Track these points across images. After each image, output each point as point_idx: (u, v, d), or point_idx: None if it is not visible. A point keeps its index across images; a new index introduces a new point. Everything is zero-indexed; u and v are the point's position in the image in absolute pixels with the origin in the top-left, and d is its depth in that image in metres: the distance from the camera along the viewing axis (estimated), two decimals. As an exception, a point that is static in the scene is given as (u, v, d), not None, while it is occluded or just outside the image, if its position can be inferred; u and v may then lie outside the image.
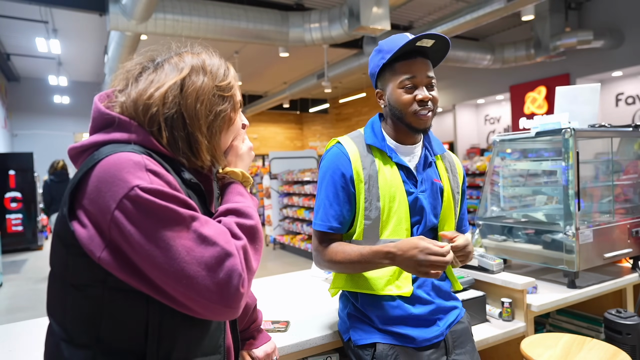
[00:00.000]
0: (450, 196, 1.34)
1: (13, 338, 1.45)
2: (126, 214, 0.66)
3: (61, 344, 0.74)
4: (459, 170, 1.42)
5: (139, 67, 0.84)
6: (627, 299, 2.11)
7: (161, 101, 0.77)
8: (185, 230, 0.68)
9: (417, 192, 1.28)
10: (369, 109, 15.39)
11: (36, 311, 4.80)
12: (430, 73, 1.25)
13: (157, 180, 0.69)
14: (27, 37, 8.83)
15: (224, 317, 0.71)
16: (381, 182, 1.25)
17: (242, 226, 0.77)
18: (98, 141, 0.76)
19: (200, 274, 0.67)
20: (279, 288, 1.97)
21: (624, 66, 7.99)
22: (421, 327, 1.27)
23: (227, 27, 6.32)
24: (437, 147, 1.37)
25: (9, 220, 8.49)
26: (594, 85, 2.14)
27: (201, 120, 0.80)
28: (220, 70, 0.85)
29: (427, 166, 1.32)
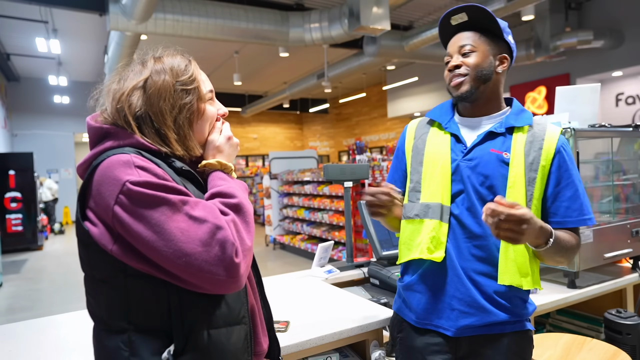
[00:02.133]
0: (519, 172, 1.16)
1: (13, 338, 1.45)
2: (123, 207, 0.74)
3: (101, 334, 0.83)
4: (548, 146, 1.18)
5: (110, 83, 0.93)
6: (627, 299, 2.11)
7: (126, 103, 0.86)
8: (177, 214, 0.75)
9: (459, 159, 1.22)
10: (369, 109, 15.40)
11: (36, 311, 4.80)
12: (463, 42, 1.22)
13: (144, 173, 0.77)
14: (27, 37, 8.83)
15: (227, 288, 0.78)
16: (427, 149, 1.28)
17: (227, 204, 0.83)
18: (95, 152, 0.85)
19: (196, 250, 0.74)
20: (279, 288, 1.97)
21: (624, 66, 7.99)
22: (433, 305, 1.22)
23: (227, 27, 6.33)
24: (515, 119, 1.22)
25: (9, 220, 8.49)
26: (594, 85, 2.13)
27: (166, 115, 0.87)
28: (180, 67, 0.92)
29: (489, 137, 1.21)
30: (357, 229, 5.52)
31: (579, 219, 1.18)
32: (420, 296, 1.25)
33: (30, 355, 1.31)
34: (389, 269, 1.95)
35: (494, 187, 1.17)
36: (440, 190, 1.22)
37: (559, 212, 1.18)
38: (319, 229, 6.62)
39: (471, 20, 1.22)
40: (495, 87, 1.25)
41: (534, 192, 1.17)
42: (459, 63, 1.22)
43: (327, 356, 1.48)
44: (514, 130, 1.21)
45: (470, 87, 1.21)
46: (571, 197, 1.17)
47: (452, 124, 1.27)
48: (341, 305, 1.67)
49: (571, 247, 1.15)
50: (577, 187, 1.18)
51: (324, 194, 6.49)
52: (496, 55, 1.23)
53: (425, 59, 8.83)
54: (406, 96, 12.75)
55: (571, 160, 1.19)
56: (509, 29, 1.26)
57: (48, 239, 10.36)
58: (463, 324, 1.17)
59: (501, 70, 1.23)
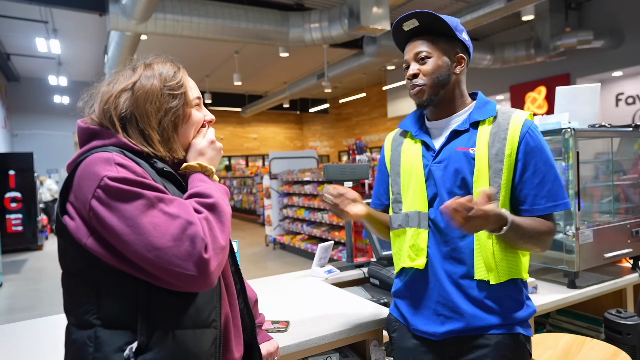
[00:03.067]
0: (483, 164, 1.16)
1: (13, 338, 1.45)
2: (100, 201, 0.77)
3: (71, 329, 0.84)
4: (512, 134, 1.17)
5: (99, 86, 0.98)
6: (627, 299, 2.11)
7: (113, 104, 0.90)
8: (151, 209, 0.77)
9: (430, 164, 1.24)
10: (369, 109, 15.40)
11: (36, 311, 4.80)
12: (418, 49, 1.24)
13: (123, 170, 0.80)
14: (27, 37, 8.83)
15: (197, 285, 0.78)
16: (403, 160, 1.32)
17: (203, 204, 0.85)
18: (82, 151, 0.88)
19: (167, 245, 0.75)
20: (279, 288, 1.97)
21: (624, 66, 7.99)
22: (418, 312, 1.24)
23: (227, 27, 6.33)
24: (478, 113, 1.23)
25: (9, 220, 8.49)
26: (594, 85, 2.13)
27: (151, 117, 0.90)
28: (169, 73, 0.95)
29: (455, 136, 1.23)
30: (357, 229, 5.52)
31: (547, 206, 1.15)
32: (407, 303, 1.29)
33: (30, 355, 1.31)
34: (389, 269, 1.95)
35: (467, 185, 1.18)
36: (417, 198, 1.25)
37: (527, 200, 1.17)
38: (319, 229, 6.62)
39: (423, 25, 1.23)
40: (456, 87, 1.26)
41: (501, 183, 1.16)
42: (416, 72, 1.24)
43: (327, 356, 1.48)
44: (479, 124, 1.21)
45: (429, 95, 1.23)
46: (539, 184, 1.15)
47: (421, 131, 1.31)
48: (341, 305, 1.67)
49: (538, 234, 1.13)
50: (544, 173, 1.15)
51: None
52: (453, 57, 1.24)
53: (425, 59, 8.81)
54: (406, 96, 12.75)
55: (539, 146, 1.16)
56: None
57: (48, 239, 10.36)
58: (448, 329, 1.18)
59: (459, 71, 1.25)
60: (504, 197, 1.17)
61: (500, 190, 1.16)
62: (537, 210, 1.16)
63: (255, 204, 10.93)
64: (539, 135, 1.19)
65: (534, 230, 1.13)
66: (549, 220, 1.18)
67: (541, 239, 1.15)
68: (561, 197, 1.16)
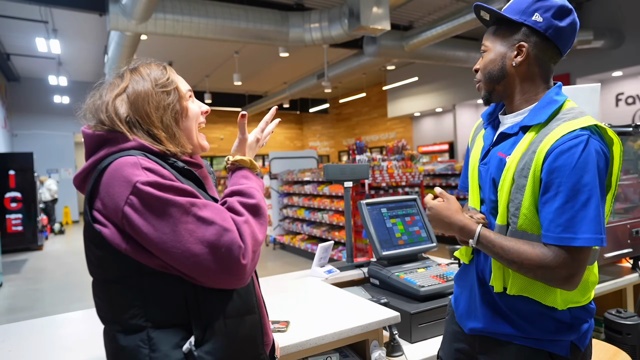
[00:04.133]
0: (508, 176, 1.05)
1: (13, 338, 1.45)
2: (133, 208, 0.77)
3: (117, 336, 0.83)
4: (542, 147, 1.00)
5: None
6: (627, 299, 2.11)
7: (113, 111, 0.89)
8: (185, 215, 0.78)
9: (480, 164, 1.19)
10: (369, 109, 15.40)
11: (36, 311, 4.80)
12: (482, 41, 1.17)
13: (152, 175, 0.79)
14: (27, 37, 8.83)
15: (232, 286, 0.83)
16: (472, 152, 1.27)
17: (245, 204, 0.87)
18: (97, 159, 0.87)
19: (204, 251, 0.77)
20: (279, 288, 1.97)
21: (624, 66, 7.99)
22: (459, 302, 1.26)
23: (227, 27, 6.32)
24: (531, 116, 1.08)
25: (9, 220, 8.49)
26: (594, 85, 2.13)
27: (152, 116, 0.91)
28: (157, 72, 0.97)
29: (502, 139, 1.13)
30: (357, 229, 5.52)
31: (560, 237, 0.96)
32: (458, 291, 1.30)
33: (30, 355, 1.31)
34: (389, 269, 1.95)
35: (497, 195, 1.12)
36: (472, 195, 1.23)
37: (544, 225, 1.00)
38: (319, 229, 6.62)
39: (491, 15, 1.14)
40: (517, 82, 1.11)
41: (522, 201, 1.03)
42: (477, 67, 1.19)
43: (327, 356, 1.48)
44: (529, 130, 1.07)
45: (485, 92, 1.17)
46: (558, 210, 0.96)
47: (490, 125, 1.22)
48: (341, 305, 1.67)
49: (522, 260, 1.00)
50: (568, 198, 0.95)
51: (324, 194, 6.49)
52: (512, 47, 1.09)
53: (425, 59, 8.83)
54: (406, 96, 12.75)
55: (573, 163, 0.95)
56: (535, 8, 1.06)
57: (48, 239, 10.35)
58: (472, 326, 1.19)
59: (518, 63, 1.08)
60: (530, 218, 1.03)
61: (520, 208, 1.03)
62: (548, 238, 0.98)
63: (255, 204, 10.92)
64: (580, 152, 0.95)
65: (514, 255, 1.01)
66: (561, 254, 0.97)
67: (528, 268, 1.00)
68: (584, 230, 0.94)
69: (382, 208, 2.14)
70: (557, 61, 1.12)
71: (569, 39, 1.08)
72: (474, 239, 1.08)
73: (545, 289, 1.06)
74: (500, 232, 1.09)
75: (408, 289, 1.80)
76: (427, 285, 1.77)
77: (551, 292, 1.06)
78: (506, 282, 1.09)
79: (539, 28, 1.05)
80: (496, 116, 1.22)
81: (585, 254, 0.98)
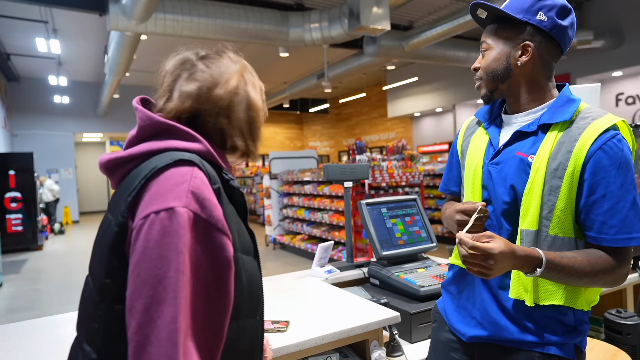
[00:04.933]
0: (539, 177, 1.00)
1: (13, 338, 1.45)
2: (146, 227, 0.65)
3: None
4: (580, 147, 0.98)
5: (180, 69, 0.84)
6: (627, 299, 2.11)
7: (215, 98, 0.80)
8: (178, 278, 0.64)
9: (488, 163, 1.12)
10: (369, 109, 15.40)
11: (36, 311, 4.80)
12: (482, 39, 1.14)
13: (194, 204, 0.67)
14: (27, 37, 8.83)
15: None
16: (469, 152, 1.21)
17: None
18: (151, 149, 0.75)
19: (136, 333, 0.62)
20: (279, 288, 1.97)
21: (624, 66, 7.99)
22: (456, 309, 1.21)
23: (227, 27, 6.32)
24: (551, 115, 1.05)
25: (9, 220, 8.49)
26: (594, 85, 2.13)
27: (243, 124, 0.84)
28: (261, 84, 0.95)
29: (520, 137, 1.08)
30: (357, 229, 5.52)
31: (618, 238, 0.96)
32: (450, 297, 1.26)
33: (30, 355, 1.31)
34: (389, 269, 1.95)
35: (517, 197, 1.05)
36: (472, 196, 1.16)
37: (594, 227, 0.98)
38: (319, 229, 6.62)
39: (491, 12, 1.11)
40: (523, 81, 1.09)
41: (556, 203, 0.99)
42: (477, 65, 1.15)
43: (327, 356, 1.48)
44: (550, 129, 1.04)
45: (487, 90, 1.13)
46: (609, 211, 0.96)
47: (493, 124, 1.18)
48: (341, 305, 1.67)
49: (594, 273, 0.96)
50: (619, 198, 0.95)
51: (324, 194, 6.49)
52: (516, 47, 1.07)
53: (425, 59, 8.83)
54: (406, 96, 12.75)
55: (616, 163, 0.96)
56: (538, 7, 1.05)
57: (48, 239, 10.35)
58: (475, 333, 1.13)
59: (523, 62, 1.06)
60: (563, 221, 1.00)
61: (553, 210, 1.00)
62: (604, 241, 0.97)
63: (255, 204, 10.93)
64: (621, 150, 0.97)
65: (587, 269, 0.96)
66: (617, 254, 0.98)
67: (602, 278, 0.97)
68: (635, 230, 0.96)
69: (382, 208, 2.14)
70: (558, 60, 1.11)
71: (570, 37, 1.08)
72: (542, 266, 0.95)
73: (576, 292, 1.03)
74: (530, 239, 1.02)
75: (408, 289, 1.80)
76: (427, 285, 1.77)
77: (580, 295, 1.04)
78: (530, 292, 1.03)
79: (544, 27, 1.04)
80: (496, 115, 1.19)
81: (632, 251, 1.00)
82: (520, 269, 0.97)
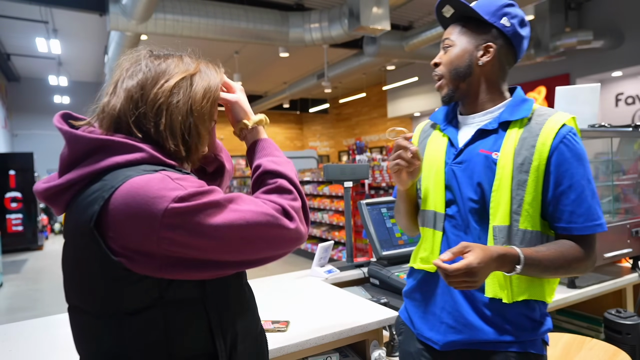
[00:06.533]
0: (506, 173, 1.04)
1: (13, 338, 1.45)
2: (172, 229, 0.66)
3: None
4: (542, 142, 1.03)
5: (128, 64, 0.82)
6: (627, 299, 2.11)
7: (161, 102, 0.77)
8: (224, 210, 0.71)
9: (451, 163, 1.13)
10: (369, 109, 15.39)
11: (36, 311, 4.80)
12: (445, 36, 1.15)
13: (182, 180, 0.70)
14: (27, 37, 8.83)
15: (304, 239, 0.80)
16: (427, 154, 1.22)
17: (294, 207, 0.79)
18: (91, 172, 0.71)
19: (275, 208, 0.75)
20: (279, 288, 1.97)
21: (624, 66, 7.99)
22: (424, 316, 1.18)
23: (227, 27, 6.32)
24: (510, 112, 1.09)
25: (9, 220, 8.50)
26: (594, 85, 2.13)
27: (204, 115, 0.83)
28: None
29: (481, 136, 1.11)
30: (357, 229, 5.52)
31: (586, 226, 1.02)
32: (416, 305, 1.22)
33: (30, 355, 1.31)
34: (389, 269, 1.95)
35: (484, 194, 1.07)
36: (435, 197, 1.16)
37: (563, 217, 1.03)
38: (319, 229, 6.62)
39: (460, 11, 1.13)
40: (483, 81, 1.12)
41: (524, 197, 1.03)
42: (437, 61, 1.15)
43: (327, 356, 1.48)
44: (510, 126, 1.08)
45: (448, 89, 1.14)
46: (576, 200, 1.02)
47: (449, 125, 1.20)
48: (341, 305, 1.67)
49: (568, 262, 1.02)
50: (583, 188, 1.02)
51: (324, 194, 6.49)
52: (479, 46, 1.10)
53: (425, 59, 8.83)
54: (406, 96, 12.75)
55: (577, 156, 1.03)
56: (504, 13, 1.10)
57: (48, 238, 10.36)
58: (450, 339, 1.11)
59: (484, 62, 1.10)
60: (531, 214, 1.04)
61: (522, 205, 1.04)
62: (575, 229, 1.03)
63: (255, 204, 10.93)
64: (578, 143, 1.04)
65: (561, 260, 1.01)
66: (586, 242, 1.04)
67: (575, 267, 1.03)
68: (600, 216, 1.03)
69: (382, 208, 2.14)
70: (511, 67, 1.16)
71: (524, 48, 1.15)
72: (521, 263, 0.97)
73: (541, 286, 1.08)
74: (503, 234, 1.04)
75: (408, 289, 1.80)
76: (427, 285, 1.77)
77: (544, 286, 1.08)
78: (507, 289, 1.04)
79: (507, 32, 1.09)
80: (452, 117, 1.21)
81: (596, 237, 1.06)
82: (501, 270, 0.98)
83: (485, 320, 1.07)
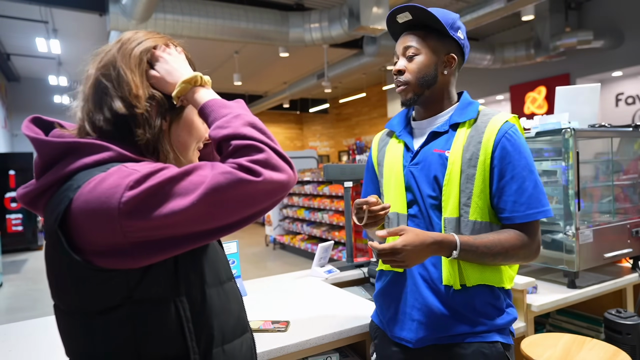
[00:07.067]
0: (455, 168, 1.13)
1: (13, 338, 1.45)
2: (132, 216, 0.65)
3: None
4: (487, 139, 1.12)
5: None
6: (627, 299, 2.11)
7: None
8: (184, 179, 0.67)
9: (408, 165, 1.21)
10: (369, 109, 15.40)
11: (36, 311, 4.80)
12: (408, 43, 1.19)
13: (137, 165, 0.69)
14: (27, 37, 8.82)
15: (289, 185, 0.72)
16: (386, 161, 1.30)
17: (256, 161, 0.69)
18: (63, 175, 0.72)
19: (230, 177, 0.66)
20: (279, 288, 1.97)
21: (624, 66, 7.99)
22: (396, 316, 1.21)
23: (227, 27, 6.32)
24: (459, 114, 1.19)
25: (9, 220, 8.49)
26: (594, 85, 2.14)
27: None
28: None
29: (434, 137, 1.20)
30: (357, 229, 5.51)
31: (527, 213, 1.10)
32: (386, 306, 1.26)
33: (31, 355, 1.31)
34: (389, 269, 1.95)
35: (440, 189, 1.15)
36: (396, 199, 1.23)
37: (506, 208, 1.11)
38: (319, 229, 6.62)
39: (417, 19, 1.18)
40: (444, 88, 1.22)
41: (473, 190, 1.12)
42: (402, 68, 1.20)
43: (327, 356, 1.48)
44: (459, 126, 1.18)
45: (414, 95, 1.20)
46: (518, 190, 1.10)
47: (405, 131, 1.28)
48: (341, 305, 1.67)
49: (506, 249, 1.08)
50: (524, 178, 1.10)
51: (324, 194, 6.49)
52: (443, 56, 1.18)
53: (425, 59, 8.82)
54: (406, 96, 12.73)
55: (517, 149, 1.11)
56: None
57: (48, 239, 10.36)
58: (422, 335, 1.14)
59: (447, 72, 1.20)
60: (480, 206, 1.12)
61: (472, 197, 1.12)
62: (517, 218, 1.11)
63: (255, 204, 10.92)
64: (519, 138, 1.13)
65: (498, 247, 1.08)
66: (528, 230, 1.11)
67: (513, 254, 1.10)
68: (542, 204, 1.11)
69: (382, 208, 2.14)
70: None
71: (466, 60, 1.26)
72: (457, 248, 1.05)
73: (496, 271, 1.14)
74: (452, 226, 1.12)
75: (408, 289, 1.80)
76: (427, 285, 1.77)
77: (499, 272, 1.15)
78: (462, 276, 1.12)
79: (462, 44, 1.20)
80: (406, 124, 1.30)
81: (539, 225, 1.15)
82: (439, 254, 1.07)
83: (452, 311, 1.13)
